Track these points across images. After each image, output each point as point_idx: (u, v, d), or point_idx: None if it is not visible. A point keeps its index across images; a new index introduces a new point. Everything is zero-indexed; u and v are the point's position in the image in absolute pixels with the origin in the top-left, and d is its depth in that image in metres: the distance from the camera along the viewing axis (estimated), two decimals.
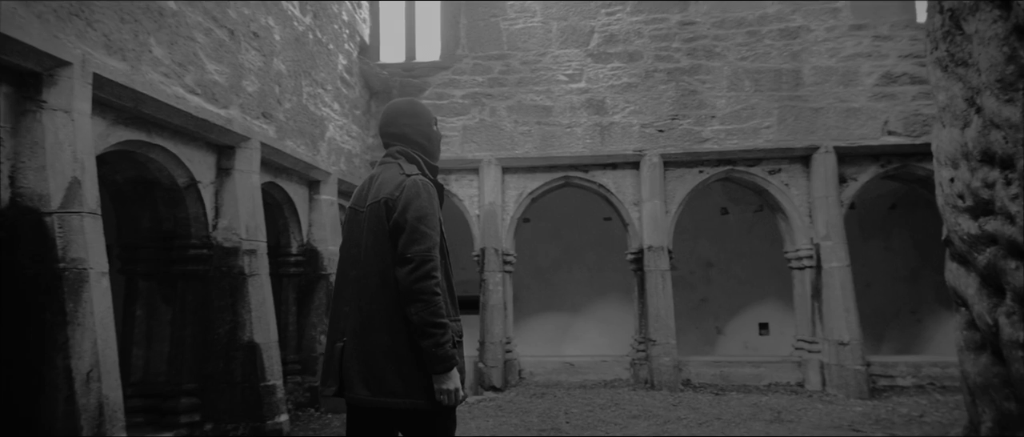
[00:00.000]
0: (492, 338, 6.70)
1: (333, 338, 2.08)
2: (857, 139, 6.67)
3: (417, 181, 2.01)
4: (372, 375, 1.94)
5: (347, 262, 2.11)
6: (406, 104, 2.25)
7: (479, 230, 7.13)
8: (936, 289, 9.14)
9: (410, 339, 1.93)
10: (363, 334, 1.97)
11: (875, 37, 6.77)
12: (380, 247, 2.00)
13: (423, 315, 1.88)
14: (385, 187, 2.05)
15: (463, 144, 7.15)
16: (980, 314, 2.69)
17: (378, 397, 1.92)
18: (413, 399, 1.92)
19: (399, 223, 1.96)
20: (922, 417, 5.25)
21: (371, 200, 2.07)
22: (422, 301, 1.89)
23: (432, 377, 1.92)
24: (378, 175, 2.14)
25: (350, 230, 2.14)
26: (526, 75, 7.13)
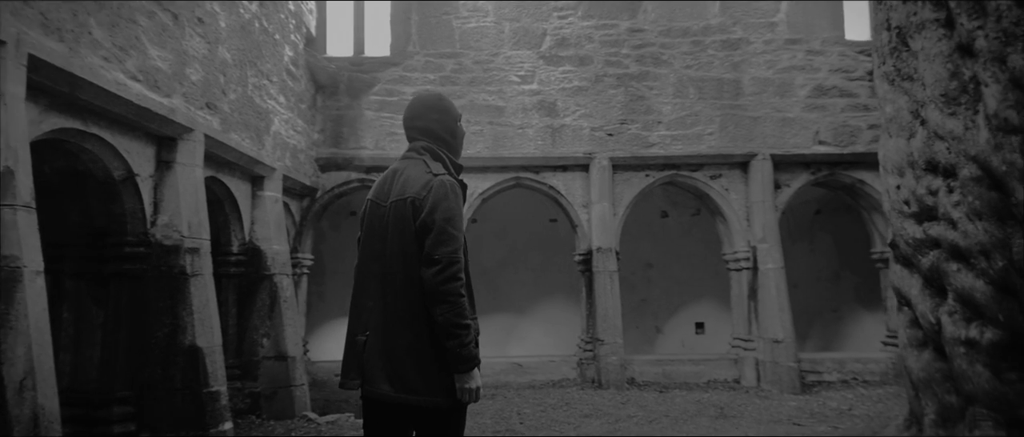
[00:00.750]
0: None
1: (354, 331, 2.08)
2: (791, 148, 7.04)
3: (445, 181, 2.00)
4: (394, 371, 1.95)
5: (369, 257, 2.10)
6: (434, 98, 2.23)
7: None
8: (855, 289, 9.80)
9: (432, 338, 1.95)
10: (387, 330, 1.99)
11: (808, 51, 7.18)
12: (406, 246, 1.99)
13: (449, 316, 1.90)
14: (411, 185, 2.02)
15: None
16: (923, 313, 2.89)
17: (400, 394, 1.94)
18: (433, 397, 1.93)
19: (427, 224, 1.95)
20: (851, 410, 5.60)
21: (395, 197, 2.05)
22: (448, 302, 1.91)
23: (454, 376, 1.94)
24: (402, 170, 2.11)
25: (371, 224, 2.12)
26: (479, 75, 7.10)
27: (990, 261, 2.61)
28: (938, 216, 2.84)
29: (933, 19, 2.92)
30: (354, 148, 7.07)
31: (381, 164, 7.11)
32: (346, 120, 7.10)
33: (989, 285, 2.61)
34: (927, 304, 2.88)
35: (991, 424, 2.51)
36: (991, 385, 2.55)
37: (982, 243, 2.63)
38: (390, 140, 7.04)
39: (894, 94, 3.15)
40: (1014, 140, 2.60)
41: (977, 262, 2.65)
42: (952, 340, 2.70)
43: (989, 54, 2.69)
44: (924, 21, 2.96)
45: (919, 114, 3.00)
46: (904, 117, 3.08)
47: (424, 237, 1.96)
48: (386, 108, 7.08)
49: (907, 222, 2.99)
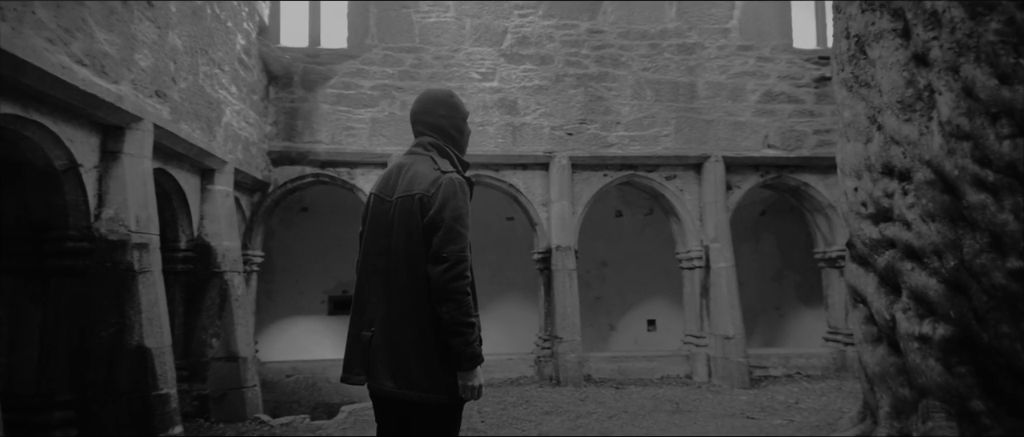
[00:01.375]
0: None
1: (358, 326, 2.07)
2: (742, 151, 7.28)
3: (454, 179, 2.00)
4: (398, 368, 1.95)
5: (373, 252, 2.08)
6: (445, 94, 2.22)
7: None
8: (796, 288, 10.24)
9: (437, 335, 1.95)
10: (391, 326, 1.99)
11: (759, 58, 7.43)
12: (412, 242, 1.99)
13: (455, 314, 1.91)
14: (419, 181, 2.01)
15: (371, 137, 6.88)
16: (878, 310, 3.04)
17: (403, 390, 1.94)
18: (436, 394, 1.94)
19: (435, 221, 1.95)
20: (797, 403, 5.83)
21: (402, 192, 2.04)
22: (455, 300, 1.91)
23: (458, 373, 1.96)
24: (408, 165, 2.10)
25: (375, 219, 2.10)
26: (439, 70, 7.02)
27: (942, 261, 2.76)
28: (894, 217, 3.00)
29: (891, 29, 3.07)
30: (309, 142, 6.86)
31: (337, 159, 6.94)
32: (301, 113, 6.89)
33: (941, 284, 2.76)
34: (882, 301, 3.02)
35: (943, 416, 2.66)
36: (943, 379, 2.70)
37: (935, 243, 2.79)
38: (347, 134, 6.87)
39: (852, 100, 3.30)
40: (965, 146, 2.76)
41: (930, 262, 2.80)
42: (906, 336, 2.85)
43: (943, 64, 2.86)
44: (882, 31, 3.11)
45: (876, 120, 3.15)
46: (862, 122, 3.23)
47: (431, 234, 1.95)
48: (343, 101, 6.91)
49: (864, 223, 3.14)
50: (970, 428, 2.59)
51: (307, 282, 9.51)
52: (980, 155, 2.72)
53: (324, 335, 9.47)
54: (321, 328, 9.49)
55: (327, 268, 9.55)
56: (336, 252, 9.49)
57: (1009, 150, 2.68)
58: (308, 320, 9.52)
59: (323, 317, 9.62)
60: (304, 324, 9.41)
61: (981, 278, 2.67)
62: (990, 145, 2.71)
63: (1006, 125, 2.70)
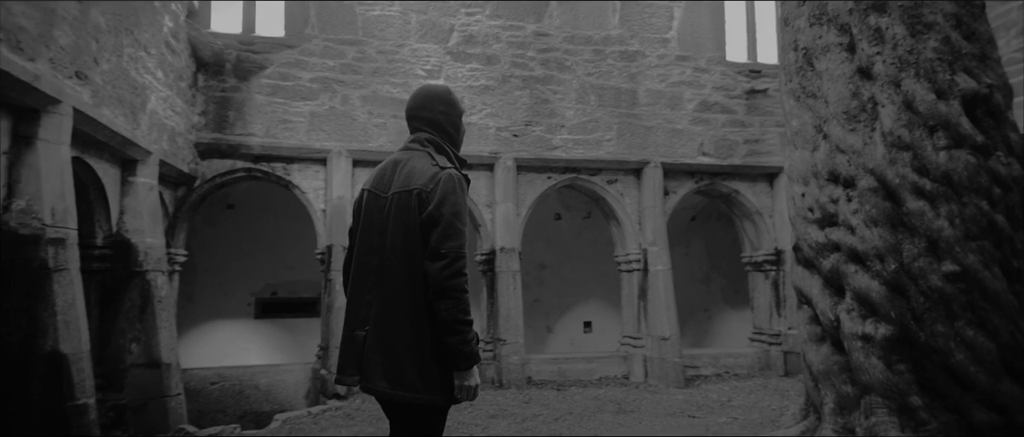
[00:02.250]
0: (336, 341, 6.26)
1: (352, 326, 2.03)
2: (679, 157, 7.51)
3: (452, 175, 1.98)
4: (392, 367, 1.91)
5: (367, 249, 2.04)
6: (443, 91, 2.21)
7: (325, 226, 6.64)
8: (722, 291, 10.69)
9: (433, 334, 1.92)
10: (387, 326, 1.94)
11: (695, 69, 7.71)
12: (409, 239, 1.95)
13: (452, 312, 1.87)
14: (416, 177, 1.98)
15: (310, 132, 6.60)
16: (823, 311, 3.19)
17: (396, 390, 1.90)
18: (430, 394, 1.90)
19: (434, 217, 1.92)
20: (730, 401, 6.07)
21: (398, 188, 2.00)
22: (453, 298, 1.88)
23: (454, 373, 1.92)
24: (403, 161, 2.06)
25: (369, 215, 2.06)
26: (383, 65, 6.83)
27: (884, 264, 2.93)
28: (839, 222, 3.15)
29: (837, 43, 3.24)
30: (241, 134, 6.50)
31: (272, 154, 6.61)
32: (232, 103, 6.51)
33: (883, 286, 2.93)
34: (827, 302, 3.17)
35: (885, 412, 2.82)
36: (884, 376, 2.86)
37: (877, 248, 2.95)
38: (283, 128, 6.56)
39: (800, 110, 3.45)
40: (906, 156, 2.94)
41: (873, 265, 2.97)
42: (850, 335, 3.00)
43: (886, 78, 3.04)
44: (829, 45, 3.28)
45: (822, 129, 3.31)
46: (808, 131, 3.38)
47: (430, 230, 1.92)
48: (279, 93, 6.59)
49: (810, 227, 3.29)
50: (909, 423, 2.77)
51: (232, 284, 9.02)
52: (919, 165, 2.92)
53: (250, 340, 9.00)
54: (247, 333, 9.01)
55: (254, 269, 9.10)
56: (265, 252, 9.05)
57: (945, 161, 2.89)
58: (233, 324, 9.02)
59: (249, 321, 9.15)
60: (229, 328, 8.91)
61: (919, 281, 2.86)
62: (928, 156, 2.91)
63: (942, 137, 2.91)
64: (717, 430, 4.44)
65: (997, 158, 2.91)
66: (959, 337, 2.77)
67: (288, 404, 6.66)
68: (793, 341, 7.69)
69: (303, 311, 9.37)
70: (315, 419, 5.39)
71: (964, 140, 2.89)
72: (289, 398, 6.66)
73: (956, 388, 2.76)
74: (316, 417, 5.44)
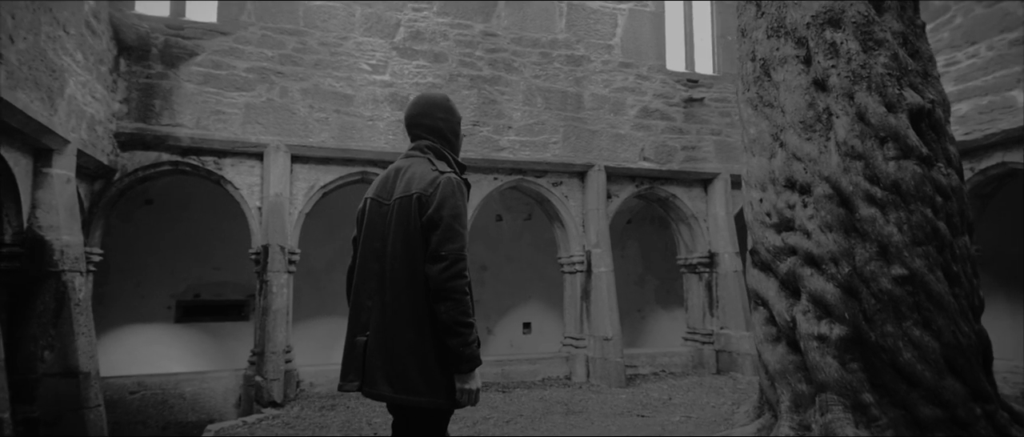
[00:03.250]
0: (274, 347, 5.95)
1: (354, 332, 2.04)
2: (622, 161, 7.67)
3: (452, 179, 2.02)
4: (395, 371, 1.91)
5: (369, 255, 2.05)
6: (442, 99, 2.26)
7: (261, 224, 6.29)
8: (655, 292, 11.02)
9: (435, 337, 1.92)
10: (388, 330, 1.94)
11: (637, 76, 7.89)
12: (409, 242, 1.96)
13: (453, 314, 1.88)
14: (417, 181, 2.01)
15: (245, 125, 6.24)
16: (779, 312, 3.31)
17: (399, 394, 1.90)
18: (434, 397, 1.90)
19: (433, 220, 1.95)
20: (671, 399, 6.24)
21: (399, 194, 2.03)
22: (453, 300, 1.89)
23: (455, 376, 1.92)
24: (405, 168, 2.11)
25: (372, 222, 2.09)
26: (325, 57, 6.56)
27: (838, 267, 3.08)
28: (795, 227, 3.29)
29: (794, 55, 3.38)
30: (168, 125, 6.05)
31: (203, 146, 6.20)
32: (159, 91, 6.05)
33: (837, 288, 3.07)
34: (783, 304, 3.30)
35: (840, 408, 2.96)
36: (839, 374, 3.00)
37: (832, 252, 3.10)
38: (215, 119, 6.16)
39: (757, 118, 3.58)
40: (858, 165, 3.10)
41: (828, 268, 3.11)
42: (806, 335, 3.13)
43: (840, 90, 3.19)
44: (786, 56, 3.41)
45: (779, 137, 3.44)
46: (765, 139, 3.51)
47: (430, 233, 1.95)
48: (212, 82, 6.19)
49: (768, 232, 3.41)
50: (862, 419, 2.92)
51: (150, 285, 8.40)
52: (870, 174, 3.09)
53: (171, 345, 8.41)
54: (167, 338, 8.42)
55: (175, 269, 8.51)
56: (187, 251, 8.49)
57: (894, 170, 3.07)
58: (151, 329, 8.39)
59: (169, 325, 8.54)
60: (146, 333, 8.28)
61: (870, 283, 3.02)
62: (879, 165, 3.09)
63: (892, 148, 3.10)
64: (673, 430, 4.53)
65: (938, 169, 3.14)
66: (907, 337, 2.95)
67: (217, 414, 6.26)
68: (725, 340, 8.02)
69: (229, 314, 8.86)
70: (251, 429, 5.09)
71: (911, 151, 3.09)
72: (218, 407, 6.26)
73: (903, 385, 2.94)
74: (251, 427, 5.14)
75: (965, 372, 2.93)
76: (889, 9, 3.27)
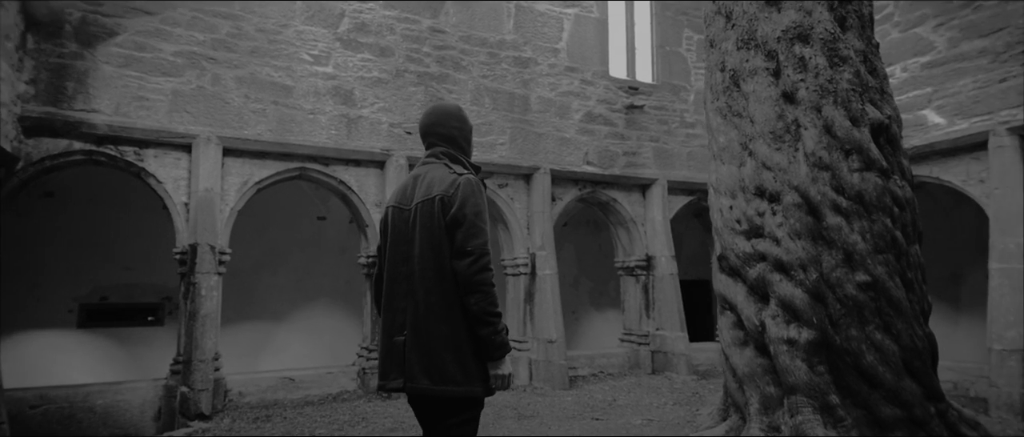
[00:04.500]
0: (202, 354, 5.50)
1: (390, 332, 2.15)
2: (566, 165, 7.71)
3: (471, 179, 2.15)
4: (432, 364, 2.03)
5: (397, 260, 2.18)
6: (456, 109, 2.39)
7: (189, 222, 5.81)
8: (589, 294, 11.20)
9: (467, 329, 2.05)
10: (423, 326, 2.06)
11: (582, 81, 7.98)
12: (436, 242, 2.08)
13: (482, 305, 2.02)
14: (437, 185, 2.14)
15: (173, 113, 5.74)
16: (748, 316, 3.40)
17: (439, 386, 2.01)
18: (471, 386, 2.03)
19: (457, 218, 2.06)
20: (615, 401, 6.32)
21: (420, 198, 2.15)
22: (482, 292, 2.02)
23: (488, 364, 2.06)
24: (423, 175, 2.22)
25: (396, 229, 2.21)
26: (263, 45, 6.15)
27: (807, 273, 3.19)
28: (765, 234, 3.39)
29: (764, 68, 3.48)
30: (83, 110, 5.46)
31: (123, 135, 5.64)
32: (72, 72, 5.45)
33: (806, 293, 3.19)
34: (752, 308, 3.39)
35: (810, 410, 3.07)
36: (808, 377, 3.11)
37: (801, 258, 3.21)
38: (138, 106, 5.63)
39: (726, 127, 3.66)
40: (825, 175, 3.24)
41: (796, 274, 3.22)
42: (776, 339, 3.22)
43: (809, 103, 3.32)
44: (756, 68, 3.51)
45: (747, 147, 3.54)
46: (735, 148, 3.60)
47: (454, 231, 2.07)
48: (134, 65, 5.65)
49: (738, 238, 3.49)
50: (830, 419, 3.04)
51: (49, 287, 7.58)
52: (837, 184, 3.23)
53: (74, 353, 7.63)
54: (70, 344, 7.62)
55: (78, 269, 7.73)
56: (94, 250, 7.73)
57: (858, 182, 3.23)
58: (49, 335, 7.57)
59: (71, 331, 7.74)
60: (45, 340, 7.47)
61: (836, 289, 3.16)
62: (844, 176, 3.24)
63: (856, 161, 3.25)
64: (636, 431, 4.56)
65: (894, 181, 3.33)
66: (869, 340, 3.10)
67: (133, 429, 5.72)
68: (661, 341, 8.25)
69: (141, 319, 8.15)
70: None
71: (873, 164, 3.26)
72: (134, 422, 5.72)
73: (865, 386, 3.09)
74: None
75: (921, 373, 3.12)
76: (851, 28, 3.45)
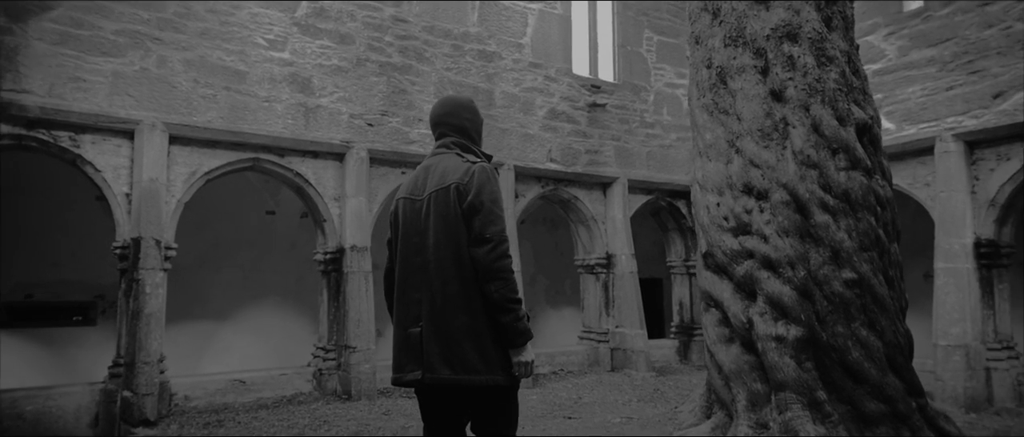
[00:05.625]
0: (146, 356, 5.10)
1: (405, 324, 2.11)
2: (530, 161, 7.63)
3: (486, 167, 2.14)
4: (453, 354, 2.00)
5: (410, 251, 2.13)
6: (468, 100, 2.42)
7: (131, 214, 5.37)
8: (545, 292, 11.16)
9: (487, 317, 2.01)
10: (441, 316, 2.02)
11: (546, 77, 7.91)
12: (452, 230, 2.05)
13: (503, 292, 1.99)
14: (451, 174, 2.11)
15: (113, 96, 5.29)
16: (735, 313, 3.39)
17: (460, 375, 1.98)
18: (492, 375, 2.00)
19: (474, 205, 2.04)
20: (581, 399, 6.29)
21: (433, 188, 2.12)
22: (502, 278, 1.99)
23: (509, 351, 2.02)
24: (434, 165, 2.20)
25: (408, 220, 2.17)
26: (214, 26, 5.76)
27: (795, 271, 3.21)
28: (752, 231, 3.38)
29: (752, 65, 3.48)
30: (12, 90, 4.95)
31: (57, 119, 5.15)
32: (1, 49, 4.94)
33: (794, 290, 3.20)
34: (739, 306, 3.38)
35: (799, 406, 3.08)
36: (796, 374, 3.12)
37: (789, 256, 3.22)
38: (75, 88, 5.15)
39: (712, 124, 3.65)
40: (813, 174, 3.26)
41: (784, 271, 3.23)
42: (764, 336, 3.22)
43: (797, 102, 3.33)
44: (744, 66, 3.51)
45: (734, 144, 3.53)
46: (721, 145, 3.59)
47: (472, 218, 2.04)
48: (71, 43, 5.17)
49: (725, 235, 3.48)
50: (818, 415, 3.06)
51: None
52: (824, 182, 3.26)
53: None
54: None
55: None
56: (16, 244, 7.07)
57: (845, 180, 3.27)
58: None
59: None
60: None
61: (823, 286, 3.19)
62: (831, 175, 3.27)
63: (842, 159, 3.30)
64: (617, 430, 4.51)
65: (876, 180, 3.39)
66: (855, 337, 3.15)
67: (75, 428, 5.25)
68: (620, 339, 8.28)
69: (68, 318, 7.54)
70: None
71: (859, 163, 3.31)
72: (69, 429, 5.24)
73: (850, 382, 3.14)
74: None
75: (903, 369, 3.19)
76: (836, 28, 3.50)
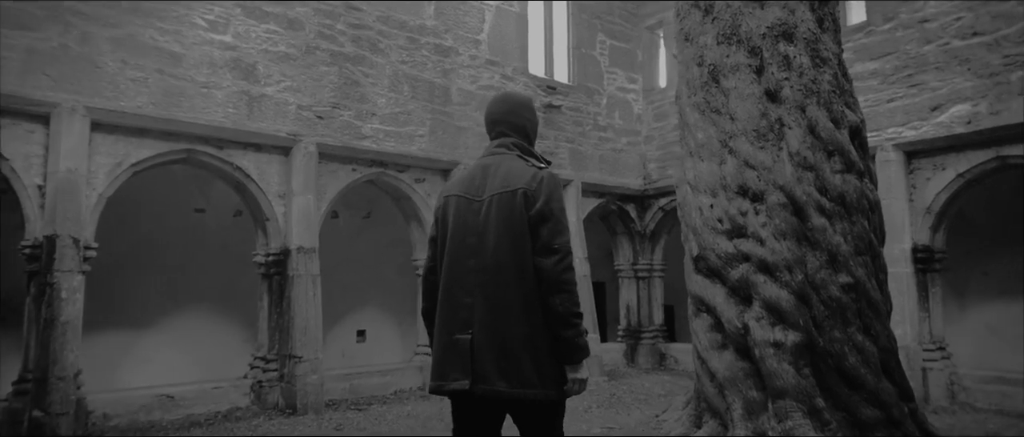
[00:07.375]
0: (61, 370, 4.47)
1: (451, 330, 2.01)
2: None
3: (554, 175, 2.09)
4: (510, 366, 1.93)
5: (463, 253, 2.05)
6: (527, 99, 2.37)
7: (45, 208, 4.71)
8: None
9: (545, 330, 1.94)
10: (497, 325, 1.96)
11: (503, 75, 7.70)
12: (517, 238, 1.98)
13: (567, 305, 1.93)
14: (516, 178, 2.04)
15: (26, 75, 4.63)
16: (729, 319, 3.28)
17: (516, 389, 1.91)
18: (546, 390, 1.93)
19: (544, 213, 1.97)
20: None
21: (496, 190, 2.05)
22: (567, 291, 1.93)
23: (566, 367, 1.95)
24: (495, 165, 2.12)
25: (462, 220, 2.09)
26: (146, 2, 5.18)
27: (792, 275, 3.13)
28: (748, 234, 3.29)
29: (747, 64, 3.40)
30: None
31: None
32: None
33: (792, 295, 3.13)
34: (733, 311, 3.28)
35: (800, 414, 2.99)
36: (795, 380, 3.04)
37: (786, 259, 3.15)
38: None
39: (704, 124, 3.54)
40: (810, 176, 3.21)
41: (781, 275, 3.15)
42: (762, 342, 3.13)
43: (793, 102, 3.28)
44: (738, 64, 3.42)
45: (727, 144, 3.44)
46: (714, 145, 3.49)
47: (539, 227, 1.97)
48: None
49: (719, 238, 3.37)
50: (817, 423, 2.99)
51: None
52: (820, 185, 3.22)
53: None
54: None
55: None
56: None
57: (840, 183, 3.24)
58: None
59: None
60: None
61: (820, 290, 3.13)
62: (827, 177, 3.23)
63: (838, 162, 3.27)
64: None
65: (866, 184, 3.39)
66: (851, 342, 3.11)
67: None
68: None
69: None
70: None
71: (853, 166, 3.30)
72: None
73: (845, 388, 3.09)
74: None
75: (895, 374, 3.19)
76: (828, 30, 3.49)
